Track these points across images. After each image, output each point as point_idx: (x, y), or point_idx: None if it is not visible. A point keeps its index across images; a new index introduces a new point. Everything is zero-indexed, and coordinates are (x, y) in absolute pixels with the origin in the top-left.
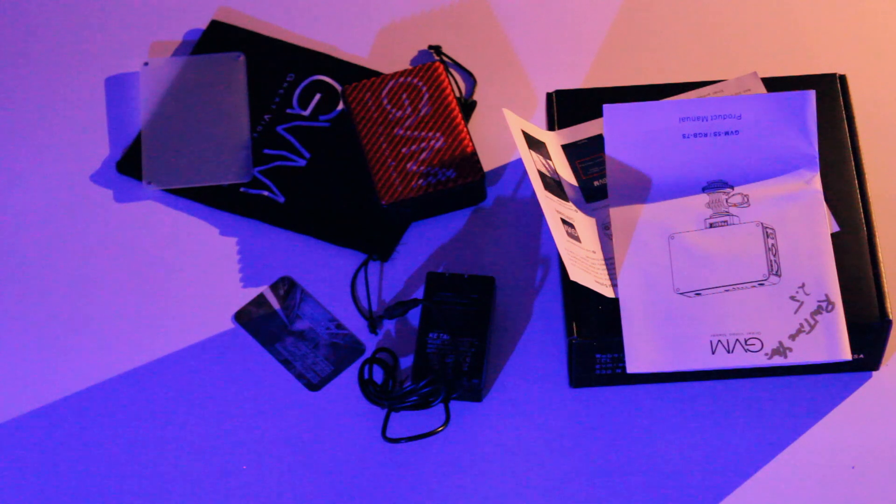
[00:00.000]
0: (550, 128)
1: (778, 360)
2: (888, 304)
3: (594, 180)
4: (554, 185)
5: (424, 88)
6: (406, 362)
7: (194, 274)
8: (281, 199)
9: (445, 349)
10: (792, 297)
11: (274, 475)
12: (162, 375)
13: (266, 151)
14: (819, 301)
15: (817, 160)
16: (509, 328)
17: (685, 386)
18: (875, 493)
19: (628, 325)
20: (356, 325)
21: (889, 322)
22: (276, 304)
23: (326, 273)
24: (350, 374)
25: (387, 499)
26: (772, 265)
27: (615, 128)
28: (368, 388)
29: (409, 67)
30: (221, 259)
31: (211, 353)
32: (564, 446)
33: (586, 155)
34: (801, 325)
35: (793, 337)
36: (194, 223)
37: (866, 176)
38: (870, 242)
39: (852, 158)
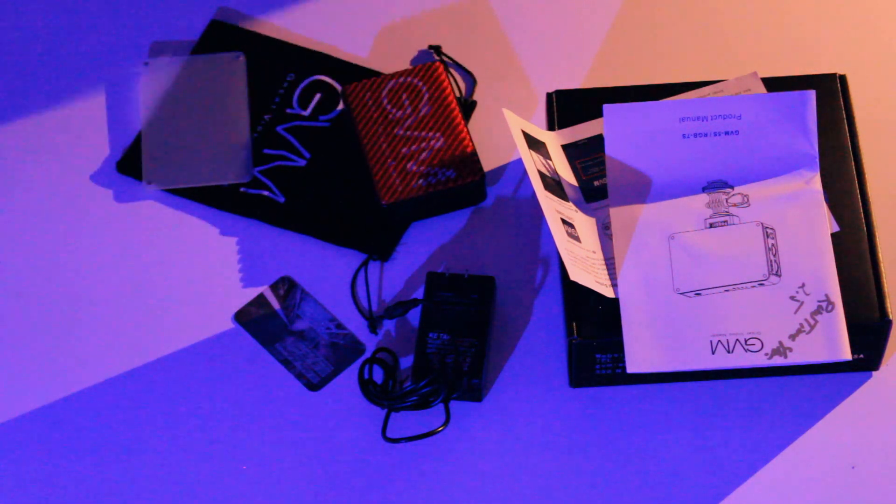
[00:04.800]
0: (550, 128)
1: (778, 360)
2: (888, 304)
3: (594, 180)
4: (554, 185)
5: (424, 88)
6: (406, 362)
7: (194, 274)
8: (281, 199)
9: (445, 349)
10: (792, 297)
11: (274, 475)
12: (162, 375)
13: (266, 151)
14: (819, 301)
15: (817, 160)
16: (509, 328)
17: (685, 386)
18: (875, 493)
19: (628, 325)
20: (356, 325)
21: (889, 322)
22: (276, 304)
23: (326, 273)
24: (350, 374)
25: (387, 499)
26: (772, 265)
27: (615, 128)
28: (368, 388)
29: (409, 67)
30: (221, 259)
31: (211, 353)
32: (564, 446)
33: (586, 155)
34: (801, 325)
35: (793, 337)
36: (194, 223)
37: (866, 176)
38: (870, 242)
39: (852, 158)
